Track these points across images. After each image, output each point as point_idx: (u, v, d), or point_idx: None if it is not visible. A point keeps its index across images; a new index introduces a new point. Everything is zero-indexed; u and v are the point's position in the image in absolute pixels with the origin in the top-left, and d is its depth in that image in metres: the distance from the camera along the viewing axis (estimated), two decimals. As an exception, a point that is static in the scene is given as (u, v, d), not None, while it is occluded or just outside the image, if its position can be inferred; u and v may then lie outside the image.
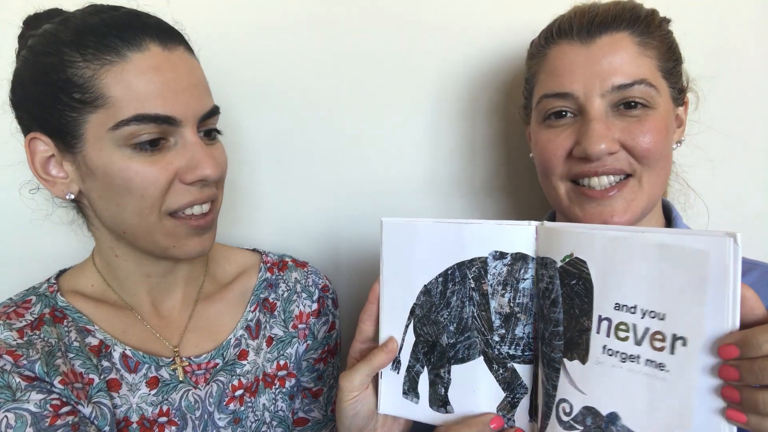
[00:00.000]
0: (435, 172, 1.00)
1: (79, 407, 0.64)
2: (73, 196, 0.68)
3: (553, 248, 0.57)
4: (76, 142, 0.64)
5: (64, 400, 0.63)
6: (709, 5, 0.92)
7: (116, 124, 0.62)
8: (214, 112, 0.70)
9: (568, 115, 0.71)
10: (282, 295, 0.84)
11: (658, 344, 0.51)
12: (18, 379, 0.61)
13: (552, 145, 0.71)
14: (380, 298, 0.67)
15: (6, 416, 0.59)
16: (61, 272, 0.77)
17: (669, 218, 0.79)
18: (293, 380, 0.83)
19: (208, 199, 0.69)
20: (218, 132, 0.73)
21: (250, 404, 0.78)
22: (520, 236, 0.60)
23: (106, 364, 0.69)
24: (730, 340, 0.47)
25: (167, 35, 0.66)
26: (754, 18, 0.93)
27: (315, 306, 0.86)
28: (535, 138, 0.76)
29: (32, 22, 0.69)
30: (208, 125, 0.70)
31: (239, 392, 0.77)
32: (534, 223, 0.60)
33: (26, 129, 0.67)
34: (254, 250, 0.89)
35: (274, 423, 0.80)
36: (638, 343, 0.52)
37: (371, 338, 0.68)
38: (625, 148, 0.68)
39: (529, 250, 0.60)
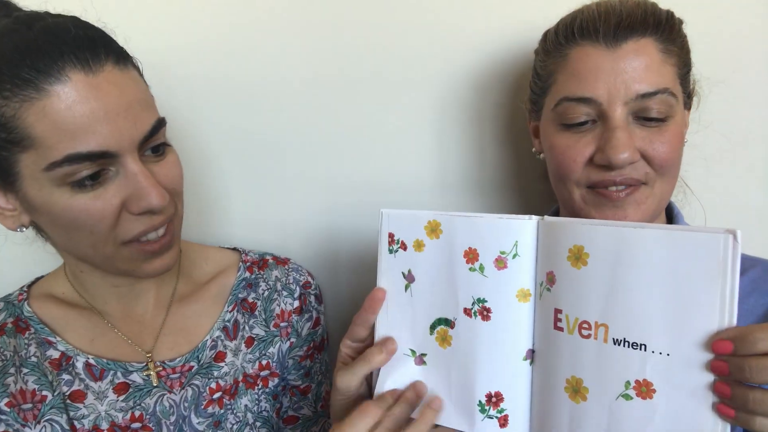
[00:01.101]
0: (443, 169, 0.98)
1: (26, 430, 0.64)
2: (24, 229, 0.66)
3: (557, 241, 0.57)
4: (14, 180, 0.61)
5: (11, 428, 0.63)
6: (706, 6, 0.89)
7: (48, 166, 0.58)
8: (157, 128, 0.64)
9: (588, 121, 0.69)
10: (262, 294, 0.83)
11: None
12: None
13: (571, 151, 0.69)
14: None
15: None
16: (39, 279, 0.77)
17: (670, 216, 0.78)
18: (276, 380, 0.82)
19: (161, 224, 0.65)
20: (167, 144, 0.68)
21: (229, 407, 0.77)
22: (521, 230, 0.59)
23: (66, 377, 0.69)
24: (726, 336, 0.47)
25: (90, 52, 0.59)
26: (752, 18, 0.89)
27: (297, 303, 0.84)
28: (549, 140, 0.73)
29: None
30: (152, 143, 0.64)
31: (217, 395, 0.76)
32: (535, 217, 0.59)
33: None
34: (234, 248, 0.88)
35: (258, 424, 0.80)
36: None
37: (363, 339, 0.67)
38: (644, 157, 0.67)
39: (530, 244, 0.59)
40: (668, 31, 0.68)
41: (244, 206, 0.99)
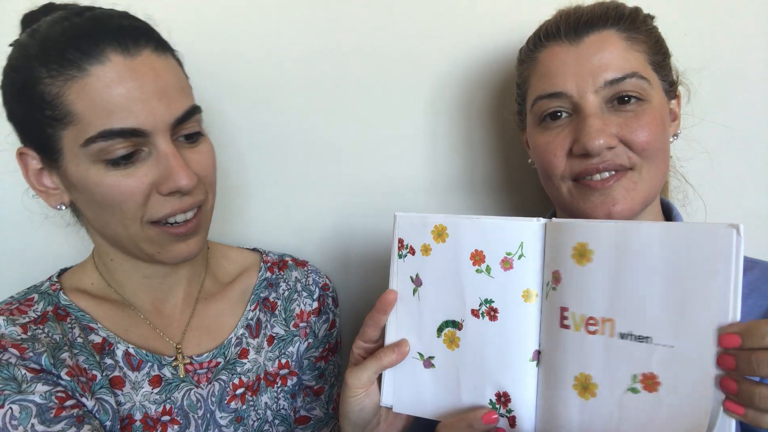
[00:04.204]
0: (435, 171, 1.00)
1: (83, 400, 0.64)
2: (64, 207, 0.68)
3: (562, 240, 0.58)
4: (57, 157, 0.64)
5: (70, 393, 0.63)
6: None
7: (85, 142, 0.61)
8: (191, 113, 0.67)
9: (564, 115, 0.71)
10: (282, 294, 0.85)
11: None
12: (24, 371, 0.61)
13: (551, 146, 0.71)
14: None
15: (11, 408, 0.59)
16: (63, 271, 0.77)
17: (669, 216, 0.79)
18: (295, 379, 0.83)
19: (190, 208, 0.67)
20: (201, 134, 0.70)
21: (251, 403, 0.78)
22: (527, 232, 0.60)
23: (109, 361, 0.69)
24: (733, 330, 0.48)
25: (130, 39, 0.63)
26: (742, 7, 0.93)
27: (315, 304, 0.86)
28: (533, 142, 0.76)
29: (27, 22, 0.68)
30: (186, 129, 0.67)
31: (240, 391, 0.77)
32: (542, 219, 0.60)
33: (20, 141, 0.68)
34: (254, 249, 0.90)
35: (276, 422, 0.81)
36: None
37: (374, 340, 0.68)
38: (623, 142, 0.68)
39: (537, 245, 0.60)
40: (630, 22, 0.70)
41: (249, 207, 1.00)
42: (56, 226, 0.79)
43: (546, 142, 0.72)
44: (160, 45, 0.67)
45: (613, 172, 0.69)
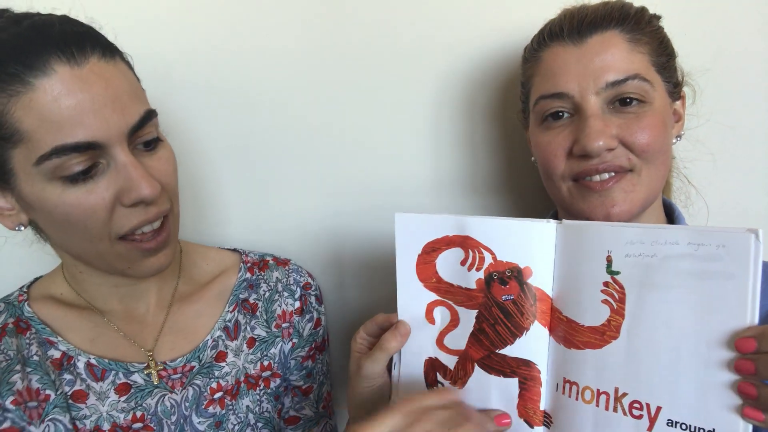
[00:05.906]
0: (437, 170, 0.98)
1: (31, 429, 0.64)
2: (23, 228, 0.66)
3: (586, 249, 0.57)
4: (9, 177, 0.61)
5: (16, 426, 0.63)
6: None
7: (38, 160, 0.58)
8: (146, 119, 0.64)
9: (566, 115, 0.71)
10: (263, 295, 0.83)
11: None
12: None
13: (552, 146, 0.72)
14: (397, 294, 0.67)
15: None
16: (37, 279, 0.77)
17: (671, 218, 0.77)
18: (278, 380, 0.82)
19: (156, 218, 0.65)
20: (159, 139, 0.67)
21: (231, 407, 0.77)
22: (540, 234, 0.60)
23: (68, 377, 0.69)
24: (749, 334, 0.48)
25: (76, 46, 0.59)
26: (747, 7, 0.89)
27: (298, 304, 0.84)
28: (534, 140, 0.76)
29: None
30: (144, 135, 0.64)
31: (218, 395, 0.76)
32: (553, 221, 0.59)
33: None
34: (234, 249, 0.88)
35: (260, 425, 0.80)
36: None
37: (377, 336, 0.68)
38: (623, 144, 0.68)
39: (549, 247, 0.59)
40: (635, 23, 0.69)
41: (247, 208, 0.99)
42: (20, 247, 0.78)
43: (547, 142, 0.72)
44: (108, 50, 0.63)
45: (613, 174, 0.69)
